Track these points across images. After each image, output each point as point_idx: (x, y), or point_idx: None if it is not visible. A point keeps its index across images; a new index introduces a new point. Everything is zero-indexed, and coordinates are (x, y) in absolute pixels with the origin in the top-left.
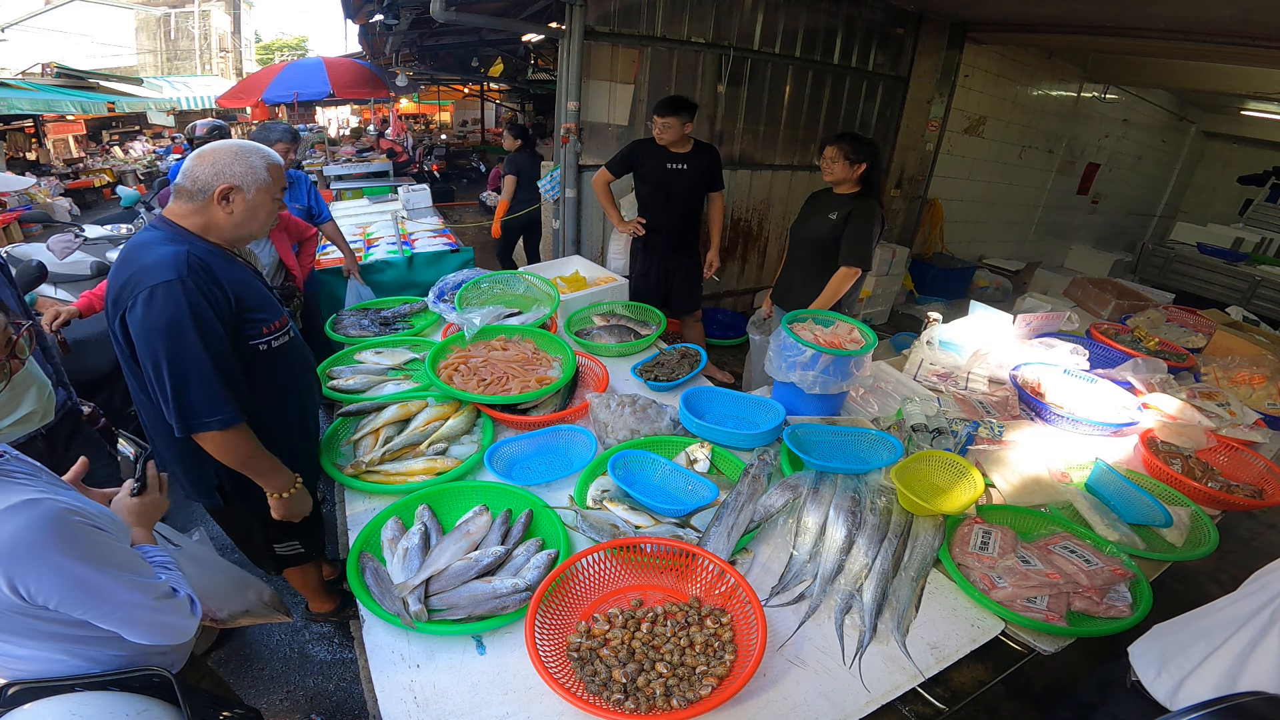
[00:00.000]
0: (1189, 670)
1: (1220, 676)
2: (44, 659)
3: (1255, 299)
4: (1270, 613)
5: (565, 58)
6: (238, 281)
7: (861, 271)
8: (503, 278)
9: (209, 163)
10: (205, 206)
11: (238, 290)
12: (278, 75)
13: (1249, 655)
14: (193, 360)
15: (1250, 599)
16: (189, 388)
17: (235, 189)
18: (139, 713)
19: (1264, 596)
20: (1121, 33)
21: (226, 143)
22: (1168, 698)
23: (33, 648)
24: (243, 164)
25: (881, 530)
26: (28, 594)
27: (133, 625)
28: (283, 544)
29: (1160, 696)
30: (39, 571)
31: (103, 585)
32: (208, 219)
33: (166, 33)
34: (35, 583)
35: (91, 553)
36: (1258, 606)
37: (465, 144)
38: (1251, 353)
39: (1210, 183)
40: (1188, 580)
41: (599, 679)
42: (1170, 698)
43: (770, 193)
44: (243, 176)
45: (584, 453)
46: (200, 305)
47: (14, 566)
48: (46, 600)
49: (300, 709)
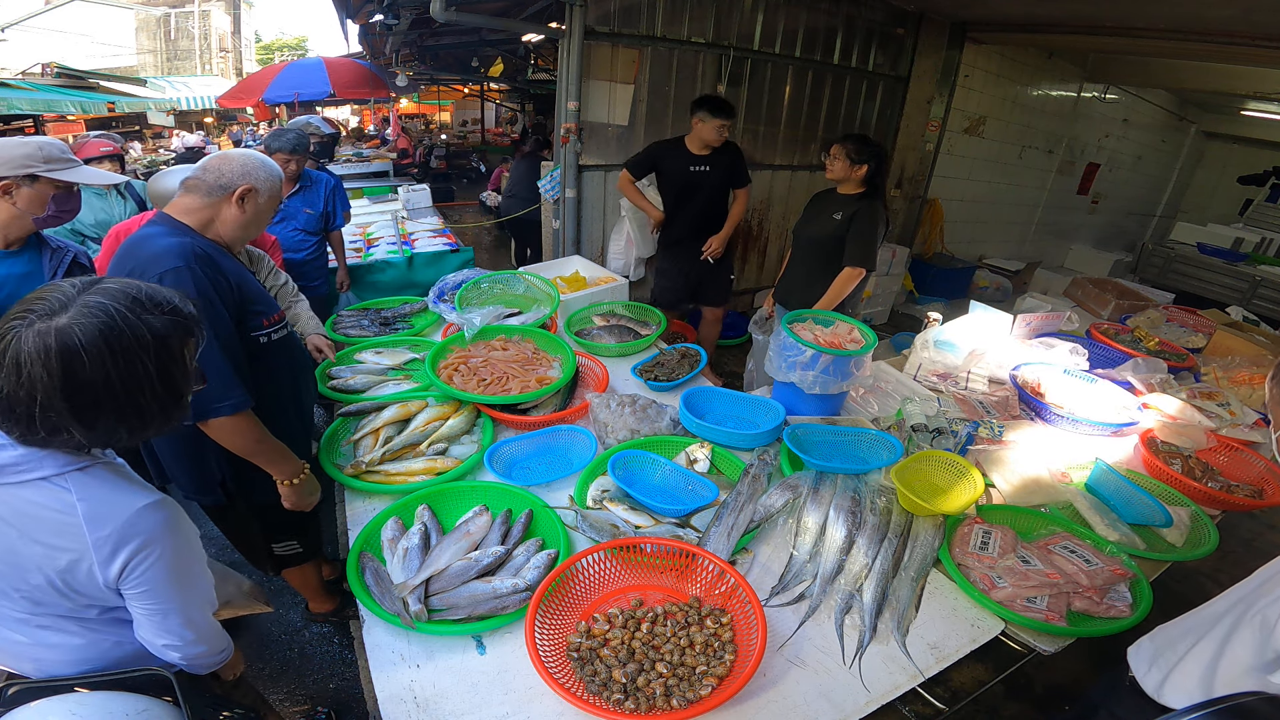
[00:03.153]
0: (1174, 664)
1: (1202, 669)
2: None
3: (1255, 299)
4: (1244, 605)
5: (565, 58)
6: (237, 274)
7: (866, 272)
8: (503, 278)
9: (237, 163)
10: (219, 203)
11: (238, 281)
12: (278, 75)
13: (1224, 648)
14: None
15: (1227, 596)
16: None
17: (254, 191)
18: (139, 712)
19: (1240, 592)
20: (1121, 33)
21: (253, 153)
22: (1155, 691)
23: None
24: (266, 171)
25: (881, 530)
26: (129, 575)
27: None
28: (281, 544)
29: (1150, 690)
30: (156, 557)
31: (194, 578)
32: (215, 215)
33: (166, 33)
34: (145, 565)
35: (191, 551)
36: (1235, 601)
37: (465, 144)
38: (1251, 353)
39: (1210, 183)
40: (1188, 580)
41: (599, 679)
42: (1158, 690)
43: (770, 193)
44: (264, 181)
45: (584, 453)
46: (209, 292)
47: (139, 550)
48: (140, 583)
49: (301, 708)
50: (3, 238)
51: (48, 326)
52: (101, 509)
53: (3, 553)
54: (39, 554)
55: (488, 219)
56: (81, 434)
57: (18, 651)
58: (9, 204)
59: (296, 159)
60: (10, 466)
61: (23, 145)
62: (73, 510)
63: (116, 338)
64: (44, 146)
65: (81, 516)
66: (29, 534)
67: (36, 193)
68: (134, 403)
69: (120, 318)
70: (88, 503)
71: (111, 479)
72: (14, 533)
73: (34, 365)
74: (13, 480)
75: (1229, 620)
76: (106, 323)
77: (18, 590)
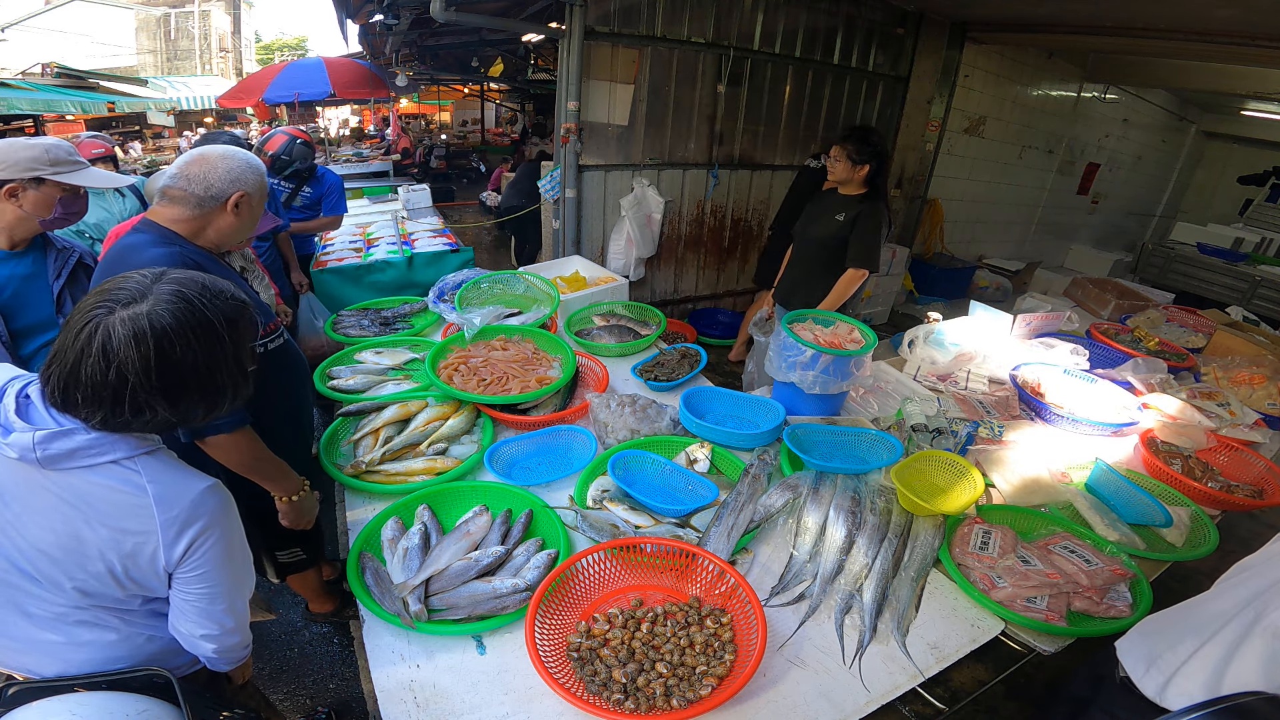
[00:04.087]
0: (1176, 667)
1: (1208, 674)
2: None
3: (1255, 299)
4: (1254, 611)
5: (565, 58)
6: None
7: (869, 273)
8: (503, 278)
9: (223, 169)
10: (211, 212)
11: None
12: (278, 75)
13: (1234, 654)
14: None
15: (1231, 594)
16: None
17: (247, 196)
18: (139, 713)
19: (1244, 593)
20: (1121, 33)
21: (232, 151)
22: (1157, 694)
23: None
24: (253, 172)
25: (881, 530)
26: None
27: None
28: (285, 551)
29: (1150, 693)
30: (215, 539)
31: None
32: (207, 223)
33: (166, 33)
34: (206, 546)
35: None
36: (1240, 603)
37: (465, 144)
38: (1251, 353)
39: (1210, 183)
40: (1188, 580)
41: (599, 679)
42: (1160, 694)
43: (770, 193)
44: (254, 185)
45: (584, 453)
46: None
47: (203, 531)
48: (198, 565)
49: (301, 708)
50: (8, 239)
51: (134, 313)
52: (170, 491)
53: (65, 539)
54: (104, 538)
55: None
56: (167, 412)
57: (50, 650)
58: (14, 206)
59: None
60: (83, 450)
61: (29, 148)
62: (143, 492)
63: (200, 321)
64: (51, 149)
65: (152, 498)
66: (97, 518)
67: (43, 195)
68: (214, 381)
69: (200, 302)
70: (157, 485)
71: (173, 463)
72: (79, 518)
73: (126, 349)
74: (83, 464)
75: (1238, 625)
76: (188, 308)
77: (71, 580)
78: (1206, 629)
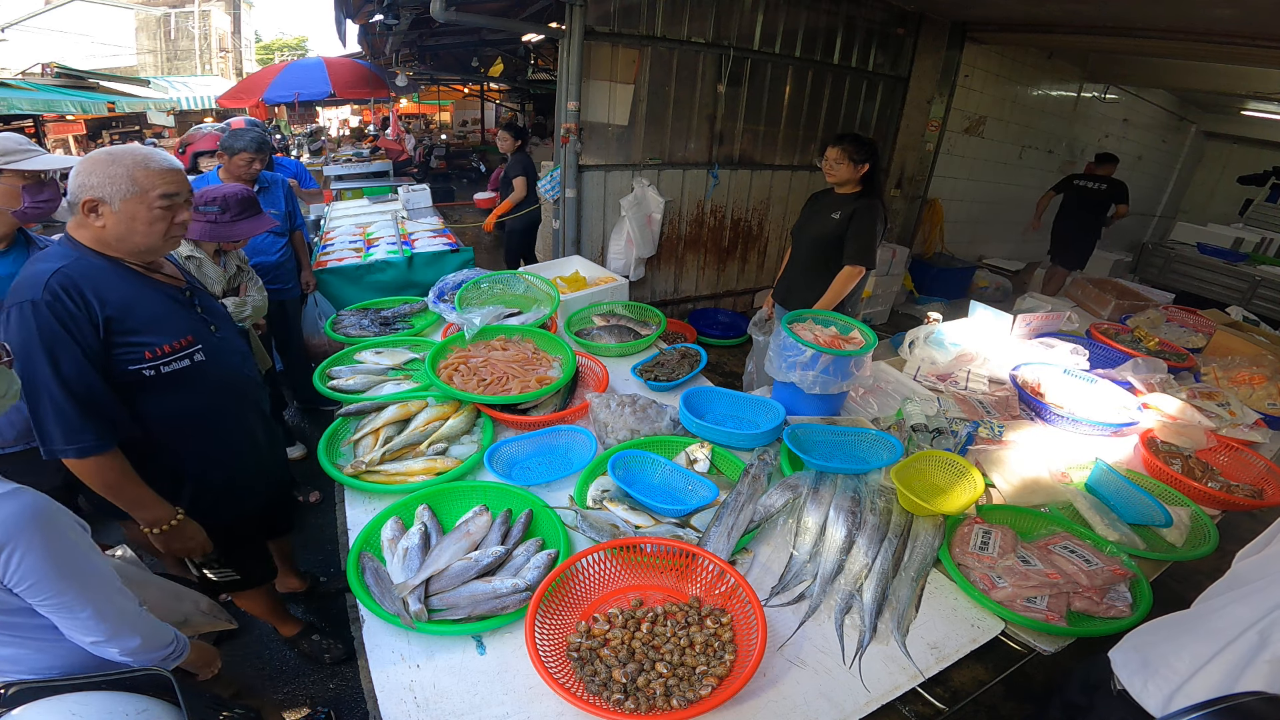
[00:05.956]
0: (1178, 684)
1: (1213, 693)
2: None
3: (1255, 299)
4: (1258, 634)
5: (565, 58)
6: (123, 302)
7: (866, 270)
8: (503, 278)
9: (76, 173)
10: (81, 220)
11: (119, 311)
12: (278, 75)
13: (1240, 676)
14: (43, 386)
15: (1231, 611)
16: (43, 413)
17: (99, 201)
18: (139, 712)
19: (1247, 611)
20: (1121, 33)
21: (99, 151)
22: (1160, 709)
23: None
24: (101, 174)
25: (881, 530)
26: (10, 572)
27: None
28: (215, 569)
29: (1152, 708)
30: (24, 552)
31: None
32: (91, 233)
33: (166, 33)
34: (17, 562)
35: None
36: (1245, 623)
37: (465, 144)
38: (1251, 353)
39: (1210, 183)
40: (1188, 580)
41: (599, 679)
42: (1163, 709)
43: (770, 193)
44: (102, 187)
45: (584, 453)
46: (52, 329)
47: (5, 545)
48: (24, 579)
49: (301, 708)
50: None
51: None
52: None
53: None
54: None
55: None
56: None
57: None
58: None
59: (260, 158)
60: None
61: None
62: None
63: None
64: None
65: None
66: None
67: (4, 187)
68: None
69: None
70: None
71: None
72: None
73: None
74: None
75: (1243, 648)
76: None
77: None
78: (1207, 646)
